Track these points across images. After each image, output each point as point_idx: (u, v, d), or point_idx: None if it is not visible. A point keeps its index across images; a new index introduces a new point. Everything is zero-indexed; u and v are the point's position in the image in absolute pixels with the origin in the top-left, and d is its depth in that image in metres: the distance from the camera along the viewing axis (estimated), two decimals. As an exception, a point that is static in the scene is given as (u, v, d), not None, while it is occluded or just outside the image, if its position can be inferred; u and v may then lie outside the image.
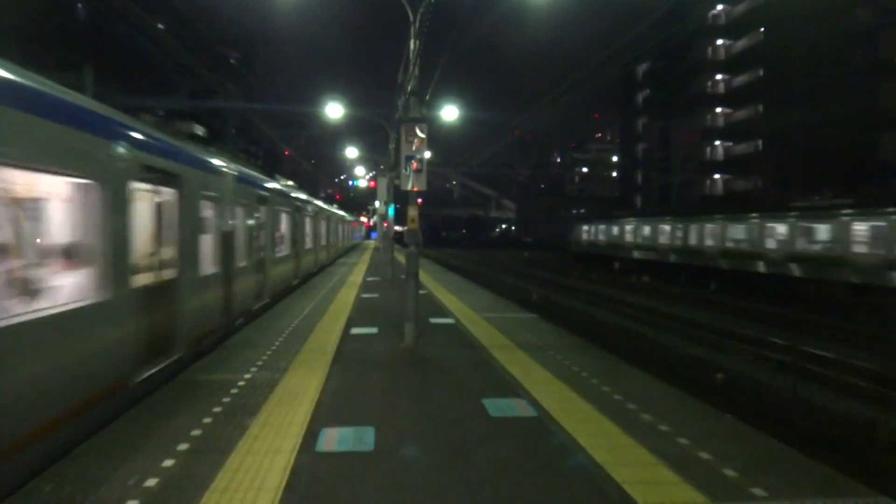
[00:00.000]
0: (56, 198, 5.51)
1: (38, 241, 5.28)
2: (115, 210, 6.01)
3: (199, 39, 47.76)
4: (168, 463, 4.69)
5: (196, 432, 5.37)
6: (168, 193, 7.76)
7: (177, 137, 8.50)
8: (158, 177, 7.32)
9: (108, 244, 5.85)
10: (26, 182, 5.00)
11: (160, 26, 41.25)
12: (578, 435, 5.43)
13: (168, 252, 7.74)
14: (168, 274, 7.68)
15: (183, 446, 5.04)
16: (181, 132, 9.17)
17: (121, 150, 6.24)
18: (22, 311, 4.68)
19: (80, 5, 35.37)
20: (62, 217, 5.55)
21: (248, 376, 7.36)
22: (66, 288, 5.40)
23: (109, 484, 4.33)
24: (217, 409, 6.02)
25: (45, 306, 4.96)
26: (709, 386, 10.83)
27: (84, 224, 5.65)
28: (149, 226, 7.26)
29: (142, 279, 6.78)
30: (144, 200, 7.10)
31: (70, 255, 5.58)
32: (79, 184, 5.60)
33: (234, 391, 6.69)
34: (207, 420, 5.71)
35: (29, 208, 5.09)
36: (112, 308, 5.96)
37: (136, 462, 4.69)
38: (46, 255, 5.31)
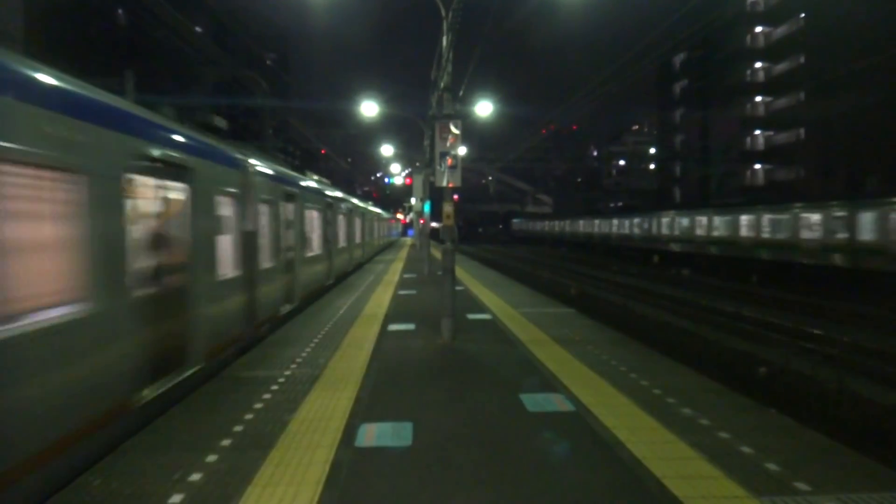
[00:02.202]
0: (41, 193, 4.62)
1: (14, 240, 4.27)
2: (106, 206, 5.22)
3: (236, 41, 48.53)
4: (211, 458, 4.80)
5: (238, 428, 5.48)
6: (178, 188, 7.01)
7: (193, 129, 7.83)
8: (165, 169, 6.56)
9: (97, 245, 5.03)
10: None
11: (198, 29, 42.00)
12: (617, 429, 5.39)
13: (178, 254, 6.96)
14: (178, 279, 6.91)
15: (225, 442, 5.15)
16: (198, 124, 8.64)
17: (115, 137, 5.46)
18: None
19: (120, 11, 36.20)
20: (47, 215, 4.66)
21: (287, 373, 7.47)
22: (49, 296, 4.56)
23: (155, 478, 4.44)
24: (258, 405, 6.13)
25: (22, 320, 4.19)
26: (751, 380, 10.63)
27: (67, 223, 4.77)
28: (154, 224, 6.51)
29: (145, 285, 6.03)
30: (147, 195, 6.33)
31: (53, 258, 4.70)
32: (63, 176, 4.70)
33: (274, 387, 6.80)
34: (249, 416, 5.81)
35: None
36: (107, 319, 5.18)
37: (181, 457, 4.81)
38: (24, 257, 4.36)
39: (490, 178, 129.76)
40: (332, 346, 9.15)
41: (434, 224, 29.57)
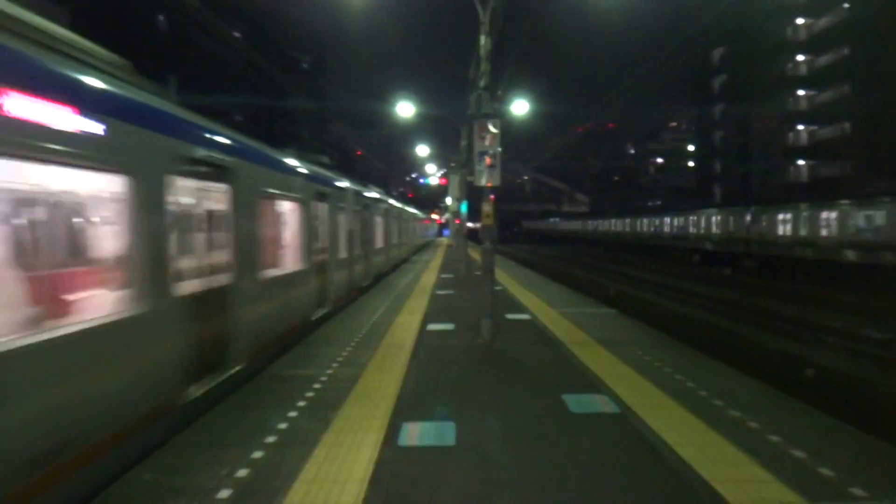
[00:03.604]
0: (88, 195, 4.88)
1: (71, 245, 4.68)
2: (152, 208, 5.32)
3: (272, 45, 49.16)
4: (257, 455, 4.86)
5: (282, 426, 5.54)
6: (220, 189, 7.05)
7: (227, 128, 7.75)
8: (207, 170, 6.62)
9: (147, 247, 5.17)
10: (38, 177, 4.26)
11: (236, 34, 42.71)
12: (663, 431, 5.31)
13: (220, 255, 6.97)
14: (221, 279, 6.90)
15: (271, 439, 5.21)
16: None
17: (159, 139, 5.58)
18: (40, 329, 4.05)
19: (161, 17, 36.98)
20: (93, 218, 4.93)
21: (329, 371, 7.54)
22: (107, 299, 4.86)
23: (203, 473, 4.52)
24: (301, 404, 6.20)
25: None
26: (799, 381, 10.39)
27: (114, 224, 4.96)
28: (198, 226, 6.57)
29: (189, 286, 6.04)
30: (190, 196, 6.31)
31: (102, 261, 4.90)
32: (109, 178, 4.86)
33: (316, 386, 6.87)
34: (293, 414, 5.88)
35: (46, 207, 4.42)
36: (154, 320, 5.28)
37: (228, 453, 4.88)
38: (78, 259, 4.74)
39: (525, 177, 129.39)
40: (372, 345, 9.21)
41: (470, 224, 29.53)
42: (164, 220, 5.52)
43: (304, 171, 10.93)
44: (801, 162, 55.27)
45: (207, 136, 6.82)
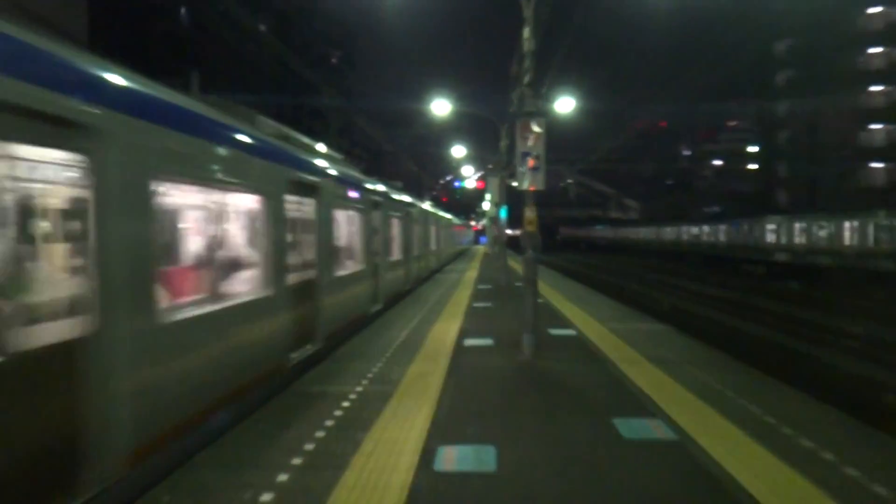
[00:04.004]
0: (240, 210, 7.49)
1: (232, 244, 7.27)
2: (277, 219, 7.88)
3: (300, 39, 49.83)
4: (283, 478, 4.88)
5: (309, 446, 5.56)
6: (309, 203, 9.55)
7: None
8: (302, 188, 8.98)
9: (271, 247, 7.67)
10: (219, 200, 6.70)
11: (262, 28, 43.36)
12: (726, 461, 5.19)
13: (309, 255, 9.46)
14: (310, 275, 9.37)
15: (297, 460, 5.23)
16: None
17: (279, 168, 8.20)
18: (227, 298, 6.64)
19: (183, 10, 37.76)
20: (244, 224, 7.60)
21: (359, 389, 7.56)
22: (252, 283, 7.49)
23: (225, 496, 4.55)
24: (329, 423, 6.21)
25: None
26: (879, 409, 10.10)
27: (255, 231, 7.61)
28: (296, 232, 8.91)
29: (292, 278, 8.38)
30: (292, 209, 8.64)
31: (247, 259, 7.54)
32: (251, 198, 7.45)
33: (345, 404, 6.88)
34: (320, 434, 5.89)
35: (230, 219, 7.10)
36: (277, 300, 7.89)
37: (251, 475, 4.91)
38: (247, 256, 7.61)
39: (570, 180, 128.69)
40: (404, 360, 9.21)
41: (510, 231, 29.45)
42: (282, 228, 8.01)
43: (366, 184, 13.69)
44: (876, 164, 53.95)
45: (305, 162, 9.42)
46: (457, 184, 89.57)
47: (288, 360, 8.10)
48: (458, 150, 42.35)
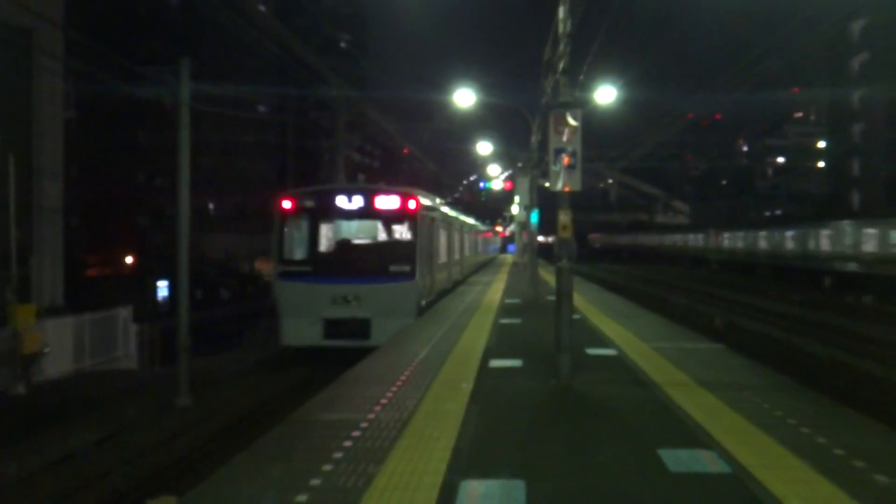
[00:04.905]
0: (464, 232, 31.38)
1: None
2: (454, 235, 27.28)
3: (305, 21, 50.36)
4: (286, 516, 4.96)
5: (315, 482, 5.63)
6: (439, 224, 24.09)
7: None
8: (433, 217, 21.86)
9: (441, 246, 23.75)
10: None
11: (262, 8, 43.88)
12: (789, 500, 5.18)
13: (440, 251, 22.90)
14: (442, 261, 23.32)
15: (301, 497, 5.29)
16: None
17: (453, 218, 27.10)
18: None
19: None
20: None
21: (371, 416, 7.63)
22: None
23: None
24: (338, 455, 6.28)
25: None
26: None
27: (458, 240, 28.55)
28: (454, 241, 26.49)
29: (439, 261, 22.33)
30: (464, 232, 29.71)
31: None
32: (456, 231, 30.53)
33: (356, 433, 6.96)
34: (328, 467, 5.96)
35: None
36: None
37: (251, 512, 4.99)
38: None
39: (610, 181, 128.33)
40: (421, 384, 9.28)
41: (541, 238, 29.56)
42: (460, 239, 28.21)
43: (453, 213, 27.94)
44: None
45: (451, 214, 27.19)
46: (482, 185, 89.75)
47: (452, 285, 24.52)
48: (484, 147, 42.47)
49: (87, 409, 14.07)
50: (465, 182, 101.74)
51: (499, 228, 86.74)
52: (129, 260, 43.64)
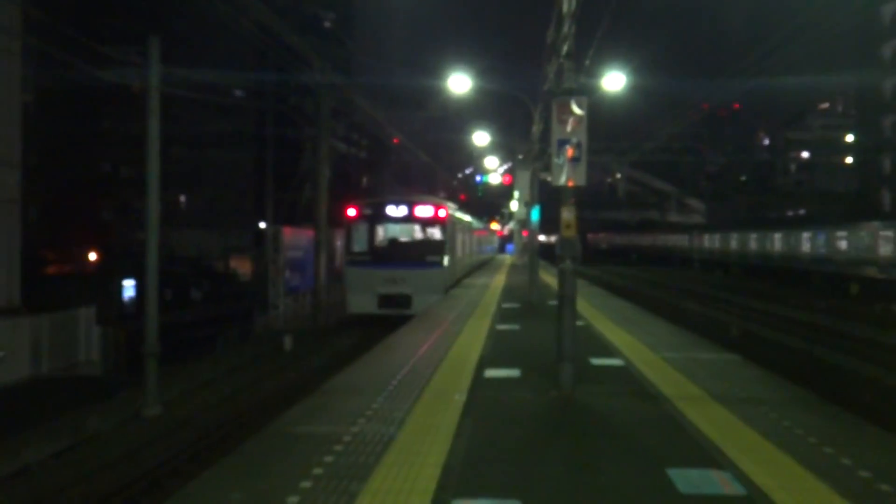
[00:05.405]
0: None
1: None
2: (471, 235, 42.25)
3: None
4: (260, 537, 4.96)
5: (293, 499, 5.63)
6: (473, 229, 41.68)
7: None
8: (458, 222, 34.27)
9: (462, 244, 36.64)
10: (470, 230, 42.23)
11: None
12: (807, 523, 5.21)
13: (461, 247, 34.56)
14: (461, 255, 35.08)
15: (277, 517, 5.31)
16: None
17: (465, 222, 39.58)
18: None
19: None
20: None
21: (354, 429, 7.63)
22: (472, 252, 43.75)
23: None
24: (318, 471, 6.28)
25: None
26: None
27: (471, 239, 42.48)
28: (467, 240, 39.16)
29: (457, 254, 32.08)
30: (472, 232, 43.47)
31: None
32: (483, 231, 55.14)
33: (337, 448, 6.96)
34: (306, 484, 5.96)
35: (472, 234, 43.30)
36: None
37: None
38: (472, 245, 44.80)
39: (618, 175, 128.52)
40: (410, 395, 9.28)
41: (543, 237, 29.60)
42: (470, 238, 42.39)
43: (465, 218, 39.97)
44: None
45: (466, 219, 40.09)
46: (479, 178, 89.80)
47: (463, 275, 34.20)
48: (481, 138, 42.53)
49: (43, 419, 14.06)
50: (460, 175, 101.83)
51: (496, 226, 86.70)
52: (92, 257, 43.53)
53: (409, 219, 28.68)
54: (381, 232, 28.96)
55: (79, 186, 43.52)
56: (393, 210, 28.65)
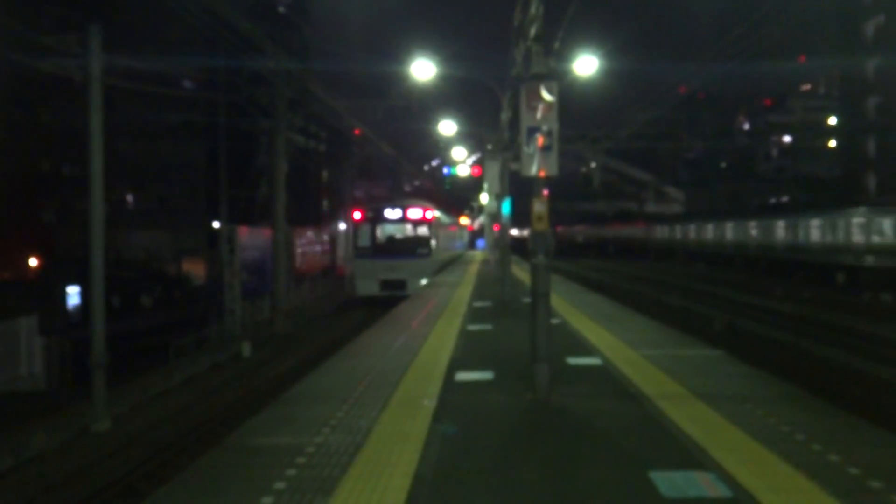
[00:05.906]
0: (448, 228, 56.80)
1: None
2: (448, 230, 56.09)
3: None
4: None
5: (253, 516, 5.61)
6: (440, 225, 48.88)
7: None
8: (441, 224, 47.63)
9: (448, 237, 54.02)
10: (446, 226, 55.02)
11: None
12: (796, 525, 5.27)
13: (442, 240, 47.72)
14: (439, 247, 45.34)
15: (237, 535, 5.28)
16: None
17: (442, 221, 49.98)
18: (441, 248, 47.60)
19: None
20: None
21: (318, 440, 7.60)
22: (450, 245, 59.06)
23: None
24: (279, 485, 6.25)
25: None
26: None
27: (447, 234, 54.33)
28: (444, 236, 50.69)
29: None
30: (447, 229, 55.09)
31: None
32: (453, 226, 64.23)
33: (300, 460, 6.93)
34: (267, 500, 5.93)
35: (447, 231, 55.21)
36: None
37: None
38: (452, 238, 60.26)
39: (593, 164, 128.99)
40: (377, 402, 9.27)
41: (515, 231, 29.65)
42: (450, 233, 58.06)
43: (439, 217, 47.38)
44: None
45: (440, 217, 47.99)
46: (446, 170, 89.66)
47: (444, 264, 45.61)
48: (448, 127, 42.38)
49: (-18, 438, 13.86)
50: (426, 168, 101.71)
51: (466, 221, 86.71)
52: (33, 262, 42.95)
53: (403, 219, 39.66)
54: (381, 229, 39.39)
55: (16, 186, 42.84)
56: (390, 213, 40.05)
